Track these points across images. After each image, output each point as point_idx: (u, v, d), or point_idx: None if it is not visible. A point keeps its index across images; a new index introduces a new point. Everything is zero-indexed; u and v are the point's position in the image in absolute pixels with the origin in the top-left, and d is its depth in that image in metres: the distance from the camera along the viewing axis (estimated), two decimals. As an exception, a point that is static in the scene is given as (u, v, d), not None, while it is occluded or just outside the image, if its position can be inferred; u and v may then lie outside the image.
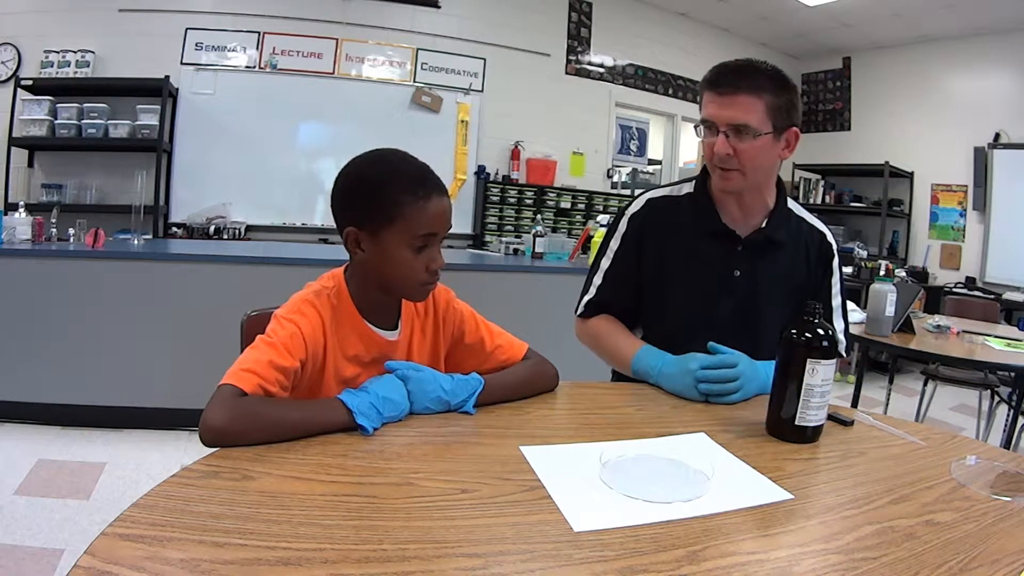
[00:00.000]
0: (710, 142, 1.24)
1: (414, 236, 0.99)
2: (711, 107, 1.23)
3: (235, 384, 0.85)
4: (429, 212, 0.99)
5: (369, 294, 1.06)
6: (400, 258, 1.00)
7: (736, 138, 1.20)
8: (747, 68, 1.21)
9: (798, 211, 1.39)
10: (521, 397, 1.09)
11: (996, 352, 2.47)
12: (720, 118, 1.21)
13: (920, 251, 6.01)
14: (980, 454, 0.98)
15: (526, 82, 5.59)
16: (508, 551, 0.63)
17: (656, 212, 1.38)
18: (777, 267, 1.33)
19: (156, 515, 0.63)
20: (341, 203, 1.03)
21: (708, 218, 1.33)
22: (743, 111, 1.19)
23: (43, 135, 4.15)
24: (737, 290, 1.32)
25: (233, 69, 4.70)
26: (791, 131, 1.25)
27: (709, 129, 1.24)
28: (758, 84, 1.20)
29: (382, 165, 1.03)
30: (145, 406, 2.87)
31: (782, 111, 1.21)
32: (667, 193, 1.40)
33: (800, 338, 0.99)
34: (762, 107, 1.19)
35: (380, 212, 0.99)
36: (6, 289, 2.74)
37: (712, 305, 1.32)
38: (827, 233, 1.39)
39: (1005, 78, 5.44)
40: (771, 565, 0.64)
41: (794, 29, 6.19)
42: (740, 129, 1.19)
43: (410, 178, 1.00)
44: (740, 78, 1.20)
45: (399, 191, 0.98)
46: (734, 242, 1.32)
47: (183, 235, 4.50)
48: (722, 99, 1.21)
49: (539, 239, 3.77)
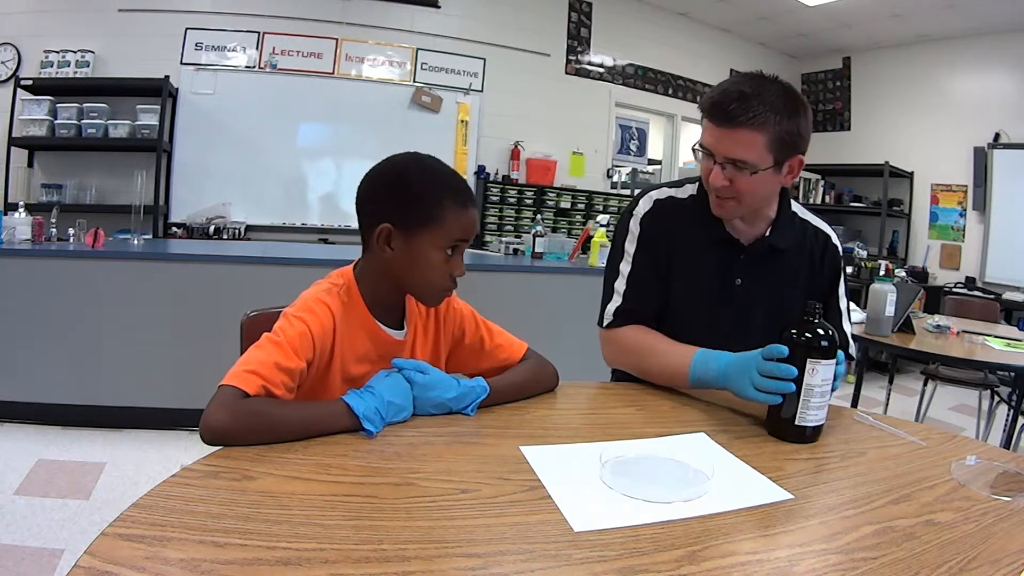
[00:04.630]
0: (707, 167, 1.19)
1: (448, 241, 1.01)
2: (708, 136, 1.17)
3: (238, 385, 0.84)
4: (464, 220, 1.03)
5: (379, 293, 1.06)
6: (430, 260, 1.01)
7: (733, 170, 1.15)
8: (750, 98, 1.11)
9: (802, 214, 1.35)
10: (523, 397, 1.10)
11: (996, 352, 2.47)
12: (717, 150, 1.15)
13: (920, 251, 6.01)
14: (980, 454, 0.98)
15: (526, 82, 5.58)
16: (508, 551, 0.63)
17: (665, 213, 1.33)
18: (780, 274, 1.31)
19: (156, 515, 0.63)
20: (379, 199, 1.03)
21: (711, 226, 1.29)
22: (742, 147, 1.12)
23: (43, 135, 4.15)
24: (738, 298, 1.30)
25: (233, 69, 4.70)
26: (795, 159, 1.18)
27: (707, 156, 1.18)
28: (761, 118, 1.10)
29: (427, 169, 1.04)
30: (145, 406, 2.87)
31: (785, 143, 1.14)
32: (672, 194, 1.35)
33: (800, 338, 0.99)
34: (763, 142, 1.12)
35: (421, 213, 1.00)
36: (6, 289, 2.74)
37: (712, 312, 1.31)
38: (832, 235, 1.36)
39: (1005, 78, 5.44)
40: (771, 565, 0.64)
41: (794, 29, 6.19)
42: (737, 164, 1.14)
43: (453, 184, 1.03)
44: (742, 110, 1.10)
45: (443, 195, 1.01)
46: (737, 251, 1.29)
47: (183, 235, 4.50)
48: (720, 132, 1.14)
49: (539, 239, 3.76)
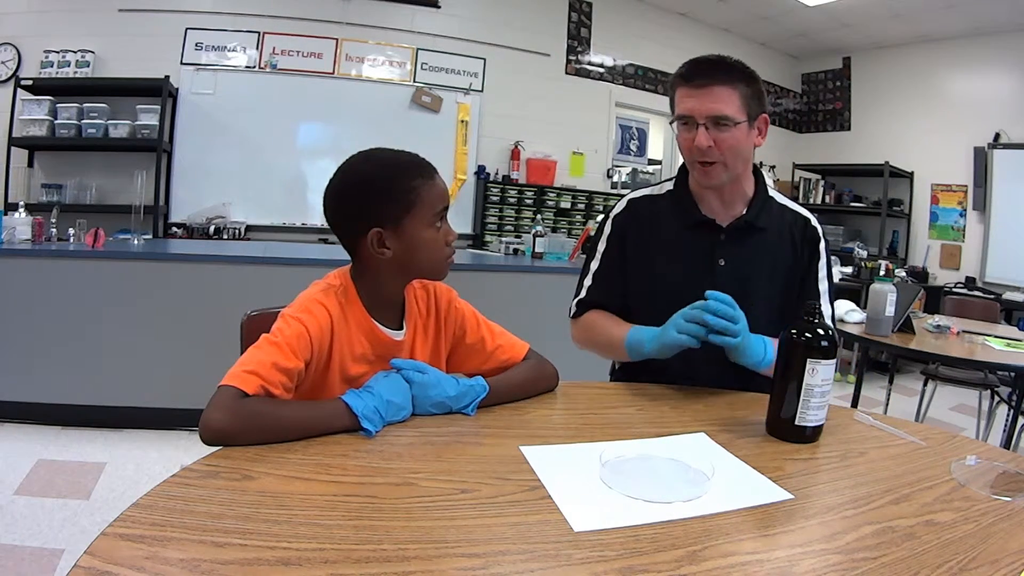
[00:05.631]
0: (688, 137, 1.27)
1: (432, 215, 1.04)
2: (688, 101, 1.25)
3: (237, 386, 0.85)
4: (437, 189, 1.06)
5: (377, 293, 1.07)
6: (426, 239, 1.04)
7: (715, 129, 1.23)
8: (719, 62, 1.26)
9: (780, 199, 1.40)
10: (522, 397, 1.10)
11: (996, 352, 2.47)
12: (699, 111, 1.24)
13: (920, 251, 6.00)
14: (980, 454, 0.98)
15: (526, 82, 5.58)
16: (508, 551, 0.63)
17: (638, 210, 1.42)
18: (761, 252, 1.34)
19: (156, 515, 0.63)
20: (355, 210, 1.03)
21: (688, 211, 1.36)
22: (722, 102, 1.22)
23: (43, 135, 4.14)
24: (722, 279, 1.31)
25: (233, 69, 4.70)
26: (761, 118, 1.29)
27: (686, 124, 1.27)
28: (731, 76, 1.24)
29: (380, 161, 1.05)
30: (145, 406, 2.86)
31: (754, 99, 1.26)
32: (648, 192, 1.44)
33: (800, 338, 0.99)
34: (737, 97, 1.23)
35: (398, 203, 1.02)
36: (6, 289, 2.74)
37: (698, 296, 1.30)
38: (811, 218, 1.39)
39: (1005, 78, 5.44)
40: (771, 565, 0.64)
41: (794, 29, 6.18)
42: (719, 120, 1.23)
43: (411, 163, 1.06)
44: (714, 71, 1.24)
45: (408, 178, 1.03)
46: (716, 232, 1.34)
47: (183, 235, 4.50)
48: (699, 92, 1.24)
49: (539, 239, 3.77)
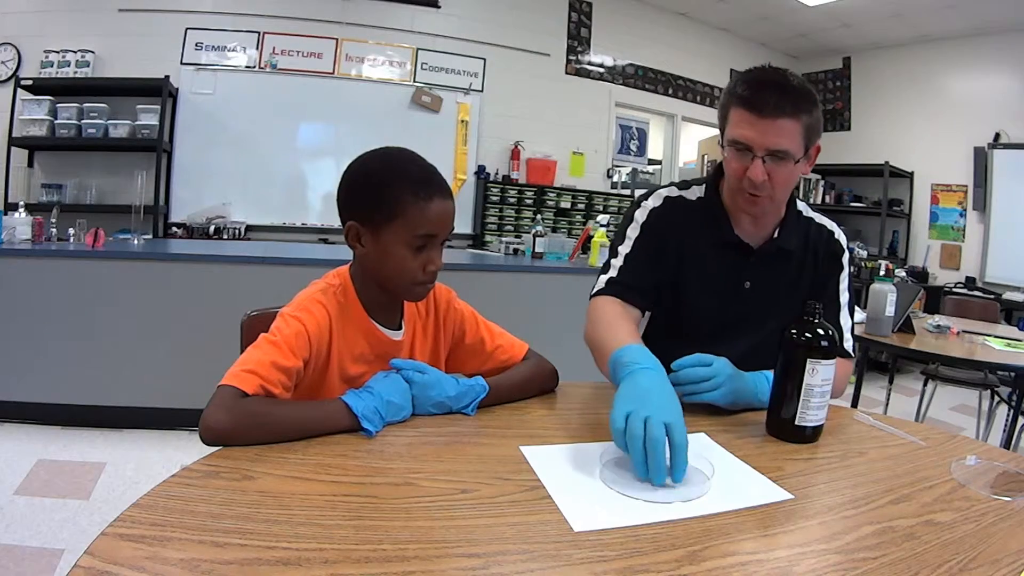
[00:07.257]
0: (740, 166, 1.15)
1: (413, 236, 0.99)
2: (748, 130, 1.13)
3: (237, 385, 0.85)
4: (429, 213, 0.99)
5: (374, 293, 1.06)
6: (398, 256, 1.00)
7: (773, 163, 1.13)
8: (786, 89, 1.11)
9: (807, 212, 1.35)
10: (522, 397, 1.10)
11: (996, 352, 2.47)
12: (759, 144, 1.12)
13: (920, 251, 6.00)
14: (980, 454, 0.98)
15: (526, 82, 5.58)
16: (508, 551, 0.63)
17: (674, 211, 1.33)
18: (787, 276, 1.31)
19: (156, 515, 0.63)
20: (345, 197, 1.04)
21: (720, 228, 1.29)
22: (786, 138, 1.11)
23: (43, 135, 4.15)
24: (746, 300, 1.30)
25: (233, 69, 4.70)
26: (814, 147, 1.19)
27: (740, 152, 1.15)
28: (797, 106, 1.11)
29: (388, 163, 1.03)
30: (145, 406, 2.86)
31: (813, 130, 1.15)
32: (682, 194, 1.34)
33: (800, 338, 0.99)
34: (799, 130, 1.12)
35: (382, 209, 0.99)
36: (6, 289, 2.74)
37: (719, 314, 1.30)
38: (835, 231, 1.36)
39: (1005, 78, 5.44)
40: (771, 565, 0.64)
41: (794, 29, 6.18)
42: (778, 155, 1.12)
43: (414, 178, 1.00)
44: (782, 100, 1.10)
45: (401, 190, 0.98)
46: (746, 254, 1.29)
47: (183, 235, 4.50)
48: (763, 123, 1.11)
49: (539, 239, 3.76)
